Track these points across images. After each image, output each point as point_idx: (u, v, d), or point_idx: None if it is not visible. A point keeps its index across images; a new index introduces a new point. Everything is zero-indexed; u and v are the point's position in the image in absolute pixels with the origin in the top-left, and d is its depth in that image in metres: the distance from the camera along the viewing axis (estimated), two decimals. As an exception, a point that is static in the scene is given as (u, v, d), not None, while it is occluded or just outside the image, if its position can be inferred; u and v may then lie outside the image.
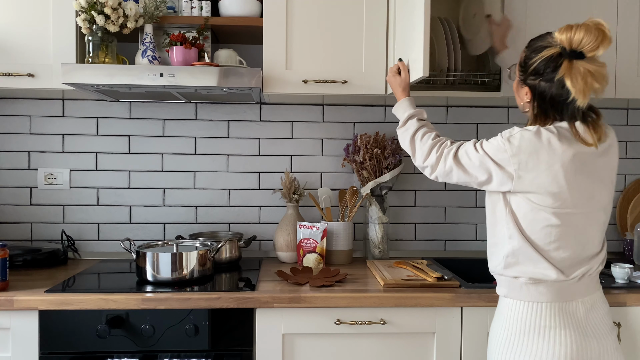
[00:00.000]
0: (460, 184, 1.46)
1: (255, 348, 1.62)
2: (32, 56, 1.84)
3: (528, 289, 1.36)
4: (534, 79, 1.36)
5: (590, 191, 1.34)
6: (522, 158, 1.31)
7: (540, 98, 1.36)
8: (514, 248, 1.37)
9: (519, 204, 1.36)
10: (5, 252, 1.61)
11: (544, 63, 1.33)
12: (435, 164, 1.47)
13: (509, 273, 1.40)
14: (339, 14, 1.88)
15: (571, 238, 1.34)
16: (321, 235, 1.98)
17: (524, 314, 1.36)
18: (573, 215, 1.33)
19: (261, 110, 2.23)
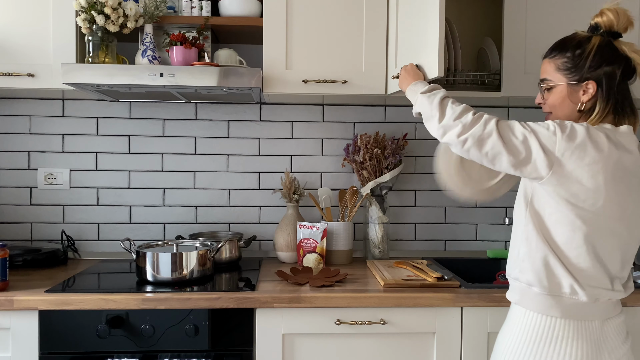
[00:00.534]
0: (486, 158, 1.30)
1: (255, 348, 1.62)
2: (32, 56, 1.84)
3: (540, 300, 1.30)
4: (595, 68, 1.31)
5: (629, 201, 1.27)
6: (570, 147, 1.24)
7: (610, 83, 1.31)
8: (531, 251, 1.31)
9: (546, 202, 1.29)
10: (5, 252, 1.61)
11: (600, 49, 1.31)
12: (470, 124, 1.29)
13: (523, 279, 1.34)
14: (339, 14, 1.88)
15: (598, 248, 1.27)
16: (321, 235, 1.98)
17: (536, 324, 1.30)
18: (604, 223, 1.26)
19: (261, 110, 2.23)
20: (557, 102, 1.38)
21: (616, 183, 1.25)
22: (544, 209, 1.29)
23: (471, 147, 1.29)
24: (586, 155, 1.24)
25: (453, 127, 1.32)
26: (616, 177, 1.25)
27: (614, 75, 1.30)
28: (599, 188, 1.24)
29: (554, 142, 1.25)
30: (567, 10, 1.91)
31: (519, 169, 1.28)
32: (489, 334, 1.65)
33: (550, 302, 1.29)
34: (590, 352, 1.27)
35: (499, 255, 2.17)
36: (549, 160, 1.25)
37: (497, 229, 2.30)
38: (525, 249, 1.33)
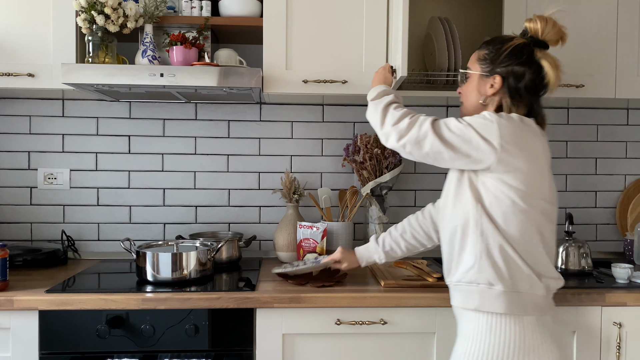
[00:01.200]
0: (429, 157, 1.33)
1: (255, 348, 1.62)
2: (32, 56, 1.84)
3: (504, 299, 1.26)
4: (505, 65, 1.36)
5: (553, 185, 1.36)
6: (509, 132, 1.27)
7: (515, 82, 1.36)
8: (488, 246, 1.28)
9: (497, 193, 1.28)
10: (5, 252, 1.61)
11: (517, 50, 1.36)
12: (406, 129, 1.33)
13: (482, 279, 1.29)
14: (339, 14, 1.88)
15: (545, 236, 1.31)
16: (321, 235, 1.98)
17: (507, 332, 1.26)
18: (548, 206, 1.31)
19: (261, 110, 2.23)
20: (468, 91, 1.44)
21: (548, 167, 1.33)
22: (493, 200, 1.29)
23: (412, 150, 1.33)
24: (526, 139, 1.29)
25: (392, 133, 1.35)
26: (548, 160, 1.34)
27: (521, 76, 1.35)
28: (542, 171, 1.30)
29: (493, 129, 1.27)
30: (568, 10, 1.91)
31: (462, 162, 1.30)
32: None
33: (513, 298, 1.27)
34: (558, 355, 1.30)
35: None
36: (491, 148, 1.26)
37: (497, 229, 2.29)
38: (482, 245, 1.29)
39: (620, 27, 1.93)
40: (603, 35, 1.92)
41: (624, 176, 2.32)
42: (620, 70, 1.93)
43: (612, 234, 2.32)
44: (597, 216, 2.32)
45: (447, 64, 1.92)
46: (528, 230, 1.28)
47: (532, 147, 1.29)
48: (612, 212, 2.32)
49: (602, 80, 1.93)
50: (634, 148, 2.33)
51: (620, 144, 2.32)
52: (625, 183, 2.32)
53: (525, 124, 1.32)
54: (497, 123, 1.28)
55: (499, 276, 1.28)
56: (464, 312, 1.35)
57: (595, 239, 2.32)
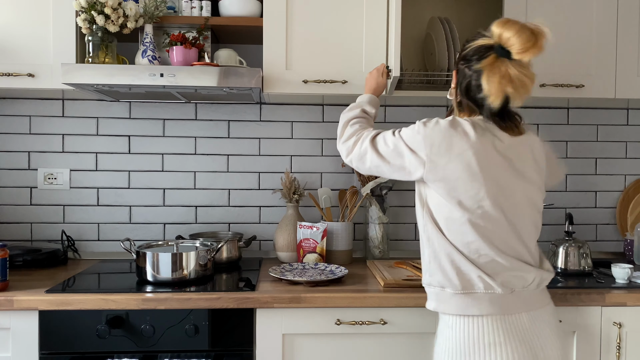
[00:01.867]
0: (373, 171, 1.42)
1: (255, 348, 1.62)
2: (32, 56, 1.84)
3: (457, 300, 1.27)
4: (462, 64, 1.32)
5: (510, 186, 1.27)
6: (435, 142, 1.26)
7: (460, 85, 1.34)
8: (435, 251, 1.31)
9: (435, 200, 1.29)
10: (5, 252, 1.61)
11: (474, 50, 1.29)
12: (352, 147, 1.46)
13: (434, 282, 1.32)
14: (339, 14, 1.88)
15: (494, 239, 1.26)
16: (321, 235, 1.98)
17: (462, 330, 1.26)
18: (492, 210, 1.25)
19: (261, 110, 2.23)
20: None
21: (492, 166, 1.26)
22: (436, 207, 1.30)
23: (358, 165, 1.45)
24: (453, 146, 1.25)
25: (342, 150, 1.50)
26: (492, 161, 1.26)
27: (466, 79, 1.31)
28: (476, 176, 1.24)
29: (419, 141, 1.29)
30: (567, 10, 1.91)
31: (399, 174, 1.35)
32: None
33: (467, 300, 1.26)
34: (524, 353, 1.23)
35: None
36: (419, 160, 1.29)
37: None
38: (429, 249, 1.32)
39: (620, 27, 1.92)
40: (603, 35, 1.92)
41: (624, 176, 2.32)
42: (620, 70, 1.93)
43: (612, 234, 2.32)
44: (597, 216, 2.32)
45: (447, 64, 1.91)
46: (471, 235, 1.26)
47: (460, 152, 1.25)
48: (612, 212, 2.32)
49: (602, 80, 1.92)
50: (634, 148, 2.32)
51: (620, 144, 2.32)
52: (625, 183, 2.32)
53: (454, 128, 1.27)
54: (422, 134, 1.29)
55: (447, 279, 1.29)
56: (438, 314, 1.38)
57: (595, 239, 2.32)
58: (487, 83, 1.23)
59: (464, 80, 1.32)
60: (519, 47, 1.21)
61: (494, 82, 1.22)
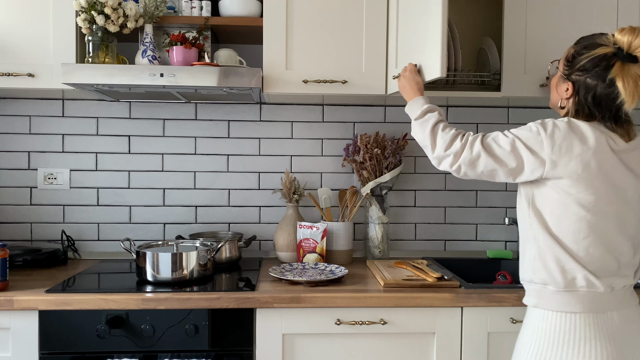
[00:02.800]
0: (484, 176, 1.38)
1: (255, 348, 1.62)
2: (32, 56, 1.84)
3: (558, 298, 1.31)
4: (580, 74, 1.33)
5: (623, 184, 1.31)
6: (556, 142, 1.29)
7: (583, 96, 1.34)
8: (540, 249, 1.33)
9: (546, 197, 1.32)
10: (5, 252, 1.61)
11: (595, 61, 1.31)
12: (459, 151, 1.39)
13: (537, 279, 1.35)
14: (339, 14, 1.88)
15: (604, 235, 1.30)
16: (321, 235, 1.98)
17: (555, 324, 1.30)
18: (606, 208, 1.29)
19: (261, 110, 2.23)
20: (551, 87, 1.46)
21: (609, 165, 1.29)
22: (546, 206, 1.33)
23: (467, 171, 1.39)
24: (573, 146, 1.29)
25: (445, 157, 1.42)
26: (609, 160, 1.29)
27: (592, 89, 1.32)
28: (594, 175, 1.28)
29: (540, 142, 1.31)
30: (568, 10, 1.91)
31: (516, 175, 1.35)
32: (489, 334, 1.65)
33: (568, 298, 1.30)
34: (613, 351, 1.27)
35: (498, 256, 2.17)
36: (540, 160, 1.31)
37: (497, 229, 2.30)
38: (535, 248, 1.35)
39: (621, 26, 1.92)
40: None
41: None
42: None
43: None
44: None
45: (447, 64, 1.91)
46: (580, 232, 1.30)
47: (580, 152, 1.29)
48: None
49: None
50: None
51: None
52: None
53: (573, 129, 1.30)
54: (542, 135, 1.31)
55: (551, 277, 1.32)
56: (527, 308, 1.41)
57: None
58: (624, 88, 1.26)
59: (588, 90, 1.32)
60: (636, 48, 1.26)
61: (630, 86, 1.26)
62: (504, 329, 1.65)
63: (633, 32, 1.28)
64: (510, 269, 2.12)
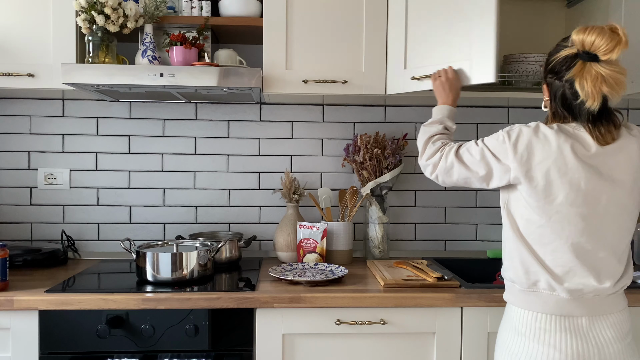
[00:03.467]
0: (460, 183, 1.45)
1: (255, 348, 1.62)
2: (32, 56, 1.84)
3: (523, 297, 1.36)
4: (551, 77, 1.36)
5: (593, 191, 1.28)
6: (518, 150, 1.31)
7: (554, 97, 1.36)
8: (510, 250, 1.38)
9: (518, 201, 1.35)
10: (5, 252, 1.61)
11: (560, 62, 1.32)
12: (437, 162, 1.48)
13: (507, 276, 1.41)
14: (339, 14, 1.88)
15: (572, 242, 1.29)
16: (321, 235, 1.98)
17: (522, 319, 1.34)
18: (570, 216, 1.28)
19: (261, 110, 2.23)
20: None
21: (573, 173, 1.28)
22: (517, 210, 1.36)
23: (444, 179, 1.49)
24: (534, 155, 1.31)
25: (427, 166, 1.52)
26: (571, 167, 1.28)
27: (559, 90, 1.34)
28: (554, 183, 1.29)
29: (504, 150, 1.34)
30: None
31: (489, 183, 1.40)
32: (489, 334, 1.65)
33: (531, 298, 1.34)
34: (577, 343, 1.28)
35: (498, 256, 2.17)
36: (505, 167, 1.34)
37: (497, 229, 2.30)
38: (507, 248, 1.41)
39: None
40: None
41: None
42: None
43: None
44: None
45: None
46: (544, 237, 1.31)
47: (541, 160, 1.29)
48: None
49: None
50: None
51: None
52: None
53: (537, 136, 1.31)
54: (506, 143, 1.34)
55: (517, 276, 1.37)
56: None
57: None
58: (581, 88, 1.27)
59: (557, 92, 1.35)
60: (605, 47, 1.25)
61: (588, 85, 1.26)
62: (504, 329, 1.65)
63: (585, 31, 1.28)
64: (510, 269, 2.12)
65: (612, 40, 1.25)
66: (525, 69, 1.96)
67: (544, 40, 2.22)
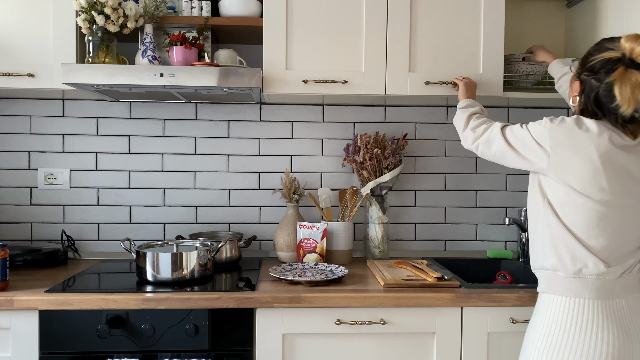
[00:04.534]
0: (497, 156, 1.50)
1: (255, 348, 1.62)
2: (32, 56, 1.84)
3: (567, 283, 1.35)
4: (587, 75, 1.38)
5: (627, 182, 1.35)
6: (560, 136, 1.36)
7: (587, 95, 1.38)
8: (553, 237, 1.38)
9: (556, 190, 1.38)
10: (5, 252, 1.61)
11: (601, 63, 1.34)
12: (481, 133, 1.55)
13: (548, 266, 1.40)
14: (339, 13, 1.88)
15: (611, 226, 1.34)
16: (321, 235, 1.98)
17: (564, 309, 1.34)
18: (611, 201, 1.33)
19: (261, 110, 2.23)
20: (569, 83, 1.50)
21: (613, 162, 1.34)
22: (557, 197, 1.38)
23: (483, 150, 1.55)
24: (577, 141, 1.35)
25: (469, 135, 1.60)
26: (613, 156, 1.34)
27: (594, 90, 1.36)
28: (596, 168, 1.33)
29: (545, 135, 1.39)
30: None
31: (523, 163, 1.44)
32: (489, 334, 1.65)
33: (577, 284, 1.35)
34: (621, 336, 1.31)
35: (499, 255, 2.17)
36: (544, 152, 1.38)
37: (497, 229, 2.30)
38: (548, 235, 1.40)
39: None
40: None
41: None
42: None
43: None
44: None
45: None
46: (590, 222, 1.34)
47: (583, 147, 1.34)
48: None
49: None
50: None
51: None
52: None
53: (579, 125, 1.36)
54: (548, 129, 1.39)
55: (561, 263, 1.37)
56: (538, 295, 1.46)
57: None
58: (620, 93, 1.30)
59: (591, 91, 1.37)
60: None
61: (627, 92, 1.29)
62: (504, 329, 1.65)
63: (637, 39, 1.30)
64: (510, 269, 2.12)
65: None
66: (525, 69, 1.97)
67: (544, 40, 2.23)
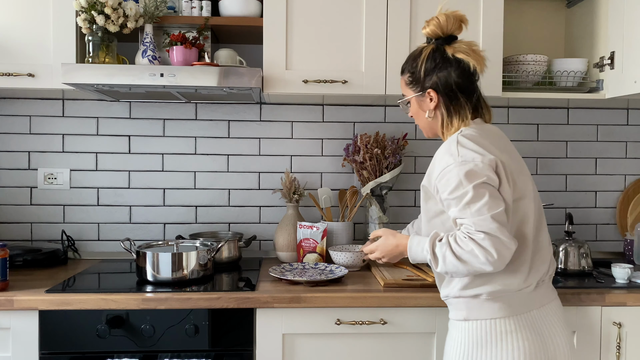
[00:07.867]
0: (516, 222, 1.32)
1: (255, 348, 1.62)
2: (32, 56, 1.84)
3: (487, 306, 1.32)
4: (430, 77, 1.39)
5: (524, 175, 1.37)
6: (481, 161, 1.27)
7: (446, 88, 1.38)
8: None
9: None
10: (5, 252, 1.61)
11: (430, 58, 1.39)
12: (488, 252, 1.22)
13: (468, 292, 1.33)
14: (339, 13, 1.88)
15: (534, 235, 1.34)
16: (321, 235, 1.98)
17: (481, 329, 1.32)
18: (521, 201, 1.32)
19: (261, 110, 2.23)
20: (414, 114, 1.49)
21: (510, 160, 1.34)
22: None
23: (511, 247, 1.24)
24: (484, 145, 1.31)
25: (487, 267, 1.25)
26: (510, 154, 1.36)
27: (448, 79, 1.37)
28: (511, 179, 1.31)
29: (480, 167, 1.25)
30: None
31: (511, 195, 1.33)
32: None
33: (496, 304, 1.32)
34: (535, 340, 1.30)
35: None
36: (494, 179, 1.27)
37: (497, 229, 2.29)
38: None
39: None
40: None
41: (623, 176, 2.32)
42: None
43: (612, 234, 2.32)
44: (597, 216, 2.32)
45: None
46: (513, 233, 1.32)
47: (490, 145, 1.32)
48: (612, 212, 2.32)
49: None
50: (633, 148, 2.33)
51: (620, 144, 2.32)
52: (625, 183, 2.32)
53: (482, 136, 1.33)
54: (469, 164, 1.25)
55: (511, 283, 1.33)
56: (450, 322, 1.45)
57: (595, 239, 2.32)
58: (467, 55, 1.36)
59: (447, 82, 1.38)
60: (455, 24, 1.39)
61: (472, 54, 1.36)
62: (504, 329, 1.65)
63: (434, 19, 1.38)
64: (510, 269, 2.11)
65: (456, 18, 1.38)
66: (525, 69, 1.97)
67: (544, 40, 2.23)
